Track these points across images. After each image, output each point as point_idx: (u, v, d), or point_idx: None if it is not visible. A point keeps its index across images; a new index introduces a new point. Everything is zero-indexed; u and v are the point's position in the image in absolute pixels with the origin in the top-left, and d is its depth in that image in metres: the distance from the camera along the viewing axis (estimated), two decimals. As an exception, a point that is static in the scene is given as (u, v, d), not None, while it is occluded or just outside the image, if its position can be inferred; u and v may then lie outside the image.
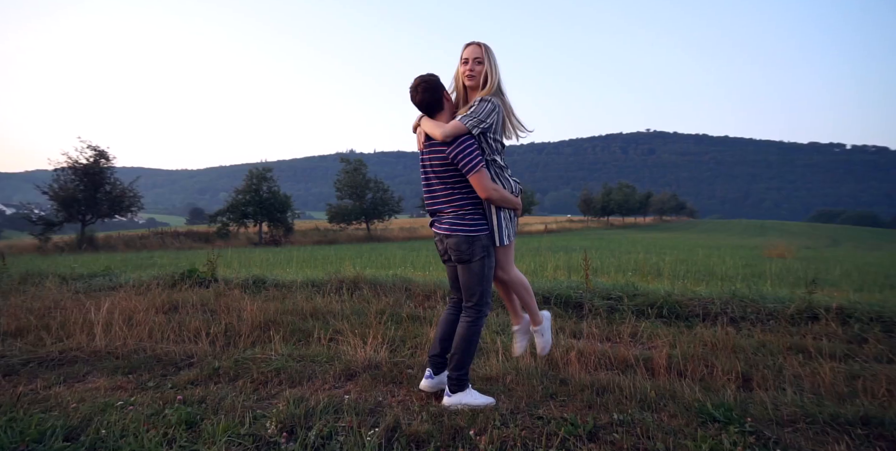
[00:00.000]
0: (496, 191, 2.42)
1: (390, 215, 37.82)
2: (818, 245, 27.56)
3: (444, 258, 2.60)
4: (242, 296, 4.80)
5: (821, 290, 5.36)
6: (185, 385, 2.80)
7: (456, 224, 2.44)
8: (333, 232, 36.27)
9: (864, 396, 2.55)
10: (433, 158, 2.46)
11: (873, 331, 3.69)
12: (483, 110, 2.37)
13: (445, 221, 2.47)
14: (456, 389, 2.46)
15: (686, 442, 1.98)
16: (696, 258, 11.41)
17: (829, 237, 38.39)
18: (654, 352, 3.19)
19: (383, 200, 37.40)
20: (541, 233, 36.33)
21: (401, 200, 38.50)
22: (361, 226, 37.79)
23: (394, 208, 37.57)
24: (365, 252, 15.94)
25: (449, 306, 2.72)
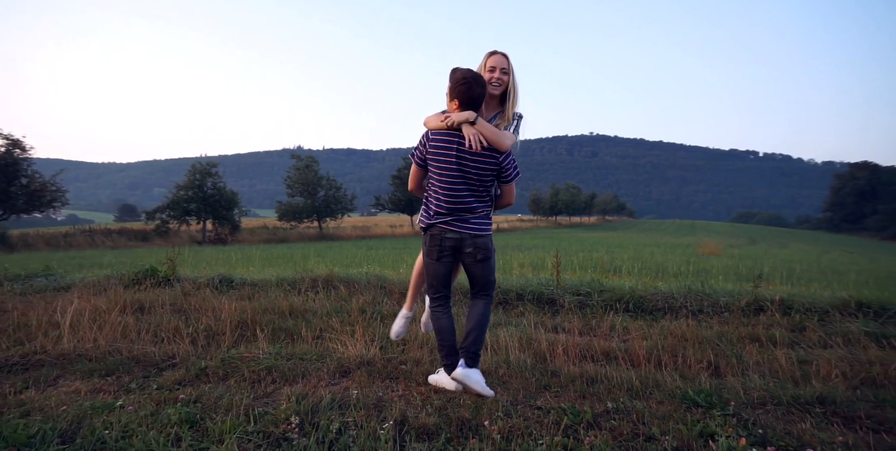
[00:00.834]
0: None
1: (343, 214, 37.24)
2: (739, 243, 29.82)
3: (443, 255, 2.61)
4: (214, 295, 4.64)
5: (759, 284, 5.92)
6: (172, 386, 2.72)
7: (485, 225, 2.63)
8: (284, 230, 35.23)
9: (816, 379, 2.87)
10: (485, 163, 2.50)
11: (811, 320, 4.14)
12: (519, 129, 2.69)
13: (474, 222, 2.57)
14: (473, 364, 2.58)
15: (678, 427, 2.15)
16: (645, 256, 12.12)
17: (747, 236, 41.57)
18: (630, 344, 3.42)
19: (336, 198, 36.76)
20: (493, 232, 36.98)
21: (354, 198, 38.03)
22: (313, 224, 36.95)
23: (347, 207, 37.04)
24: (322, 250, 15.64)
25: (442, 307, 2.71)
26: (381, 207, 38.99)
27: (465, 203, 2.54)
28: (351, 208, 37.67)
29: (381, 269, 7.20)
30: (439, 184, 2.54)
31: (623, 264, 8.34)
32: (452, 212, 2.55)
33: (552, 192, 55.21)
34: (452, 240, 2.57)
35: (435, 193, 2.57)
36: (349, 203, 37.09)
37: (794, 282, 7.49)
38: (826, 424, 2.30)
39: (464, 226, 2.55)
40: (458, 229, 2.55)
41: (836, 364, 3.05)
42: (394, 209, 38.44)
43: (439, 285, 2.71)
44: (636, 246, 20.22)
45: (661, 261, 10.19)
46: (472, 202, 2.55)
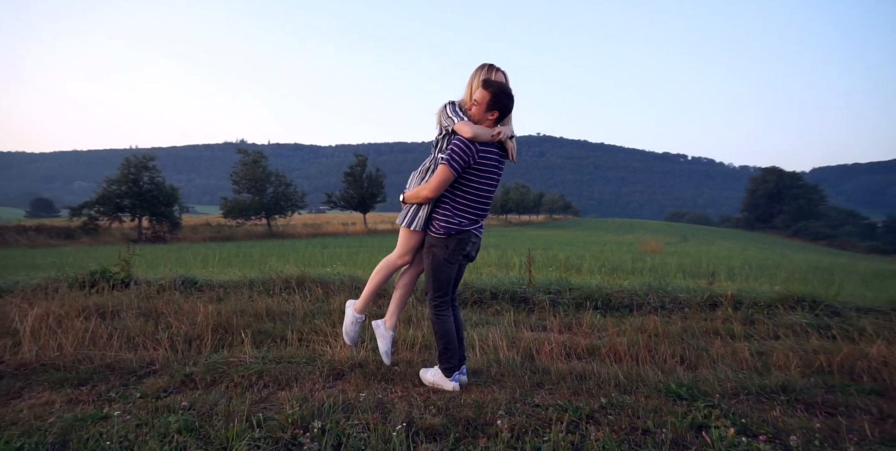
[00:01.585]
0: None
1: (293, 211, 36.12)
2: (673, 241, 31.80)
3: (463, 255, 2.74)
4: (183, 298, 4.42)
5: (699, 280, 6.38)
6: (157, 394, 2.62)
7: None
8: (229, 228, 33.70)
9: (775, 369, 3.17)
10: (499, 169, 2.74)
11: (760, 314, 4.53)
12: None
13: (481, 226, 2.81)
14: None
15: (671, 419, 2.30)
16: (597, 254, 12.68)
17: (680, 234, 44.38)
18: (608, 340, 3.60)
19: (286, 195, 35.60)
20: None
21: (304, 195, 36.96)
22: (261, 222, 35.58)
23: (297, 204, 35.96)
24: (274, 249, 15.15)
25: (448, 310, 2.78)
26: (332, 204, 38.15)
27: (489, 207, 2.80)
28: (302, 206, 36.64)
29: (348, 268, 7.11)
30: (480, 192, 2.65)
31: (584, 262, 8.70)
32: (483, 216, 2.76)
33: (502, 191, 56.41)
34: (475, 241, 2.74)
35: (474, 201, 2.65)
36: (300, 200, 36.04)
37: (734, 278, 8.12)
38: (792, 410, 2.54)
39: (481, 230, 2.79)
40: (479, 233, 2.77)
41: (788, 355, 3.38)
42: (346, 207, 37.73)
43: (448, 288, 2.77)
44: (584, 244, 21.05)
45: (614, 259, 10.71)
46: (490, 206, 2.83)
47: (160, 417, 2.24)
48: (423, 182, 2.70)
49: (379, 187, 37.82)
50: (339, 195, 37.65)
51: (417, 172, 2.79)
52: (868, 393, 2.82)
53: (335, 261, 8.25)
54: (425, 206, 2.69)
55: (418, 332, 3.69)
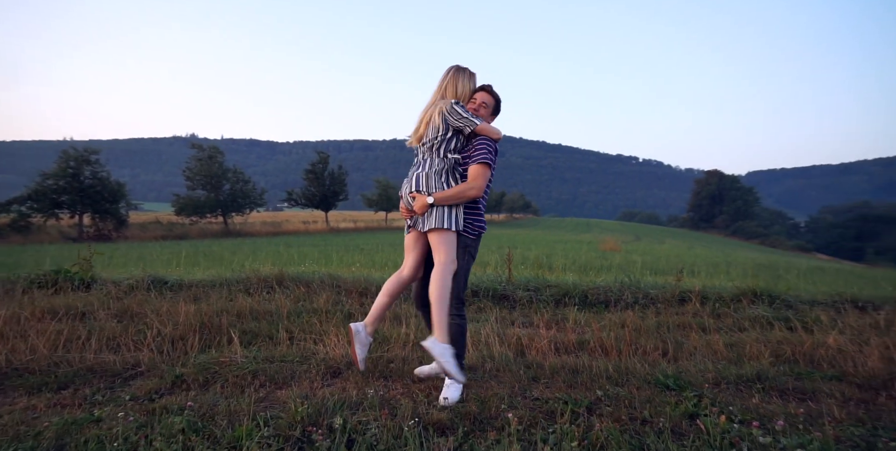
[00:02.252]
0: None
1: (252, 209, 34.88)
2: (628, 240, 33.11)
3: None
4: (158, 299, 4.23)
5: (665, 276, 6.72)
6: (148, 396, 2.54)
7: None
8: (182, 226, 32.16)
9: (747, 359, 3.39)
10: None
11: (726, 308, 4.83)
12: None
13: None
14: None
15: (665, 409, 2.43)
16: (562, 252, 13.04)
17: (633, 233, 46.19)
18: (593, 335, 3.74)
19: (244, 192, 34.32)
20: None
21: (264, 192, 35.77)
22: (217, 219, 34.18)
23: (256, 201, 34.74)
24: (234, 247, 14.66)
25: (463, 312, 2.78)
26: (293, 202, 37.16)
27: None
28: (261, 203, 35.45)
29: (320, 267, 7.00)
30: (487, 190, 2.72)
31: (554, 260, 8.94)
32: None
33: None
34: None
35: (483, 200, 2.74)
36: (258, 198, 34.86)
37: (695, 275, 8.58)
38: (769, 397, 2.73)
39: None
40: None
41: (757, 345, 3.63)
42: (307, 205, 36.86)
43: (466, 286, 2.81)
44: (548, 243, 21.54)
45: (581, 257, 11.05)
46: None
47: (158, 418, 2.17)
48: (446, 183, 2.62)
49: (341, 185, 37.18)
50: (300, 193, 36.75)
51: (432, 174, 2.63)
52: (830, 379, 3.06)
53: (307, 260, 8.10)
54: (459, 206, 2.64)
55: (409, 329, 3.70)
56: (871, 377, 3.04)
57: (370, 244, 16.06)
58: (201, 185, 34.08)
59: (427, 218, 2.60)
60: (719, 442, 2.11)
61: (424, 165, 2.68)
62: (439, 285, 2.56)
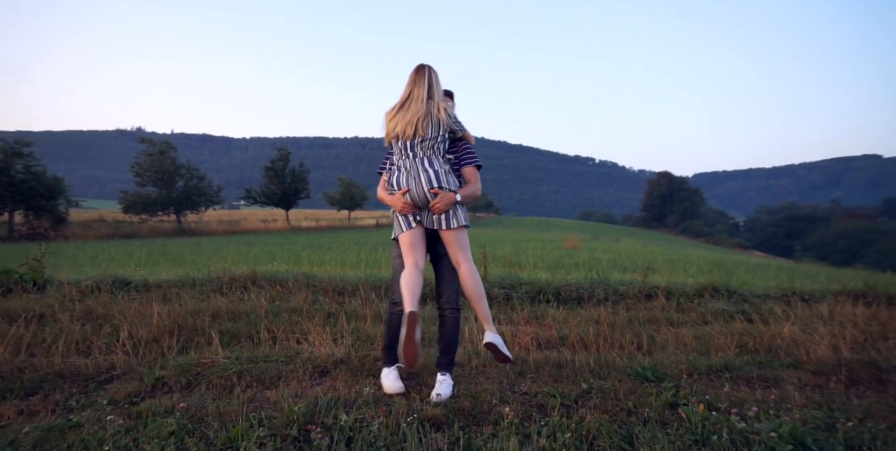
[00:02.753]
0: (379, 195, 2.77)
1: (207, 206, 33.46)
2: (587, 239, 34.18)
3: None
4: (126, 300, 4.03)
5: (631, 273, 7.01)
6: (128, 400, 2.46)
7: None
8: (130, 224, 30.49)
9: (714, 350, 3.60)
10: None
11: (689, 302, 5.09)
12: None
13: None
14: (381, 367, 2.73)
15: (647, 400, 2.55)
16: (527, 250, 13.29)
17: (591, 232, 47.66)
18: (571, 330, 3.86)
19: (199, 189, 32.86)
20: (373, 227, 36.76)
21: (221, 190, 34.39)
22: (169, 218, 32.61)
23: (212, 199, 33.34)
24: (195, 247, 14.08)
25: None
26: (252, 200, 35.96)
27: None
28: (217, 201, 34.06)
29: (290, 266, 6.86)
30: None
31: (522, 258, 9.12)
32: None
33: (429, 189, 56.64)
34: None
35: None
36: (215, 195, 33.48)
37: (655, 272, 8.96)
38: (737, 386, 2.90)
39: None
40: None
41: (720, 337, 3.86)
42: (267, 203, 35.77)
43: None
44: (512, 241, 21.89)
45: (549, 255, 11.32)
46: None
47: (145, 421, 2.10)
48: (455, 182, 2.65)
49: (303, 183, 36.33)
50: (260, 191, 35.62)
51: (447, 171, 2.63)
52: (787, 367, 3.30)
53: (276, 259, 7.90)
54: (464, 205, 2.72)
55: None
56: (822, 363, 3.30)
57: (336, 243, 15.81)
58: (152, 181, 32.43)
59: (451, 216, 2.60)
60: (700, 430, 2.24)
61: (433, 163, 2.61)
62: (475, 281, 2.62)
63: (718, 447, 2.10)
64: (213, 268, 5.56)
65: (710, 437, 2.18)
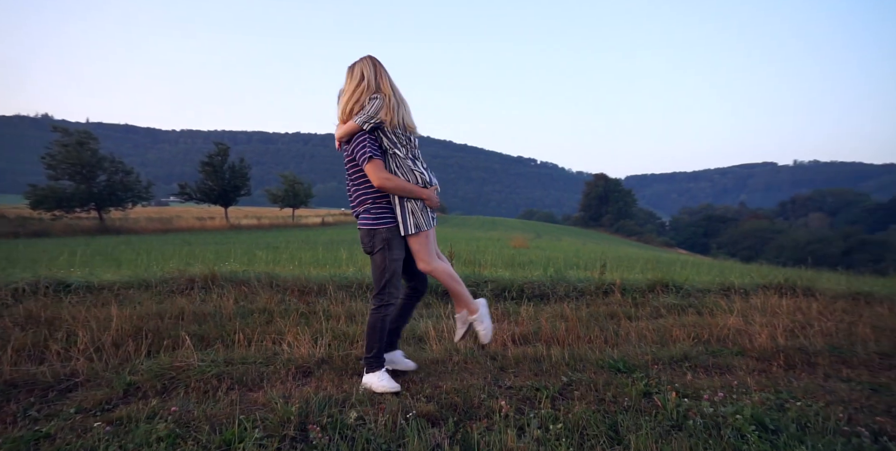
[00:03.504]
0: (388, 180, 2.54)
1: (135, 203, 30.99)
2: (531, 237, 35.30)
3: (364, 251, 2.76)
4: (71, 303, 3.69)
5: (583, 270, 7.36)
6: (99, 407, 2.32)
7: (362, 218, 2.65)
8: (40, 221, 27.65)
9: (671, 341, 3.88)
10: (344, 159, 2.67)
11: (642, 297, 5.42)
12: (372, 107, 2.55)
13: (360, 217, 2.68)
14: (367, 370, 2.63)
15: (624, 390, 2.70)
16: (477, 249, 13.51)
17: (534, 231, 49.25)
18: (540, 326, 4.00)
19: (125, 184, 30.34)
20: (318, 225, 35.76)
21: (150, 185, 31.97)
22: (89, 214, 29.91)
23: (141, 195, 30.90)
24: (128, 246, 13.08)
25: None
26: (186, 196, 33.78)
27: (351, 199, 2.73)
28: (146, 197, 31.63)
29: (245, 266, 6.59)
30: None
31: (480, 257, 9.27)
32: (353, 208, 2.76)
33: (376, 188, 55.93)
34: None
35: None
36: (144, 191, 31.06)
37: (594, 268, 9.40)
38: (697, 374, 3.15)
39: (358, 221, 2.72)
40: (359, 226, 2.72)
41: (674, 329, 4.15)
42: (203, 200, 33.75)
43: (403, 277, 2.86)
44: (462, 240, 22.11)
45: (502, 254, 11.58)
46: (353, 197, 2.70)
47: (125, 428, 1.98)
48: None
49: (243, 180, 34.61)
50: (196, 187, 33.53)
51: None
52: (736, 355, 3.61)
53: (224, 258, 7.52)
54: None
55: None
56: (763, 350, 3.64)
57: (283, 242, 15.27)
58: (68, 174, 29.56)
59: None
60: (675, 415, 2.42)
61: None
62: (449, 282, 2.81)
63: (693, 431, 2.28)
64: (164, 268, 5.22)
65: (684, 422, 2.37)
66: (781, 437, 2.23)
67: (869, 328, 4.29)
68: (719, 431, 2.28)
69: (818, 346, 3.75)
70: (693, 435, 2.24)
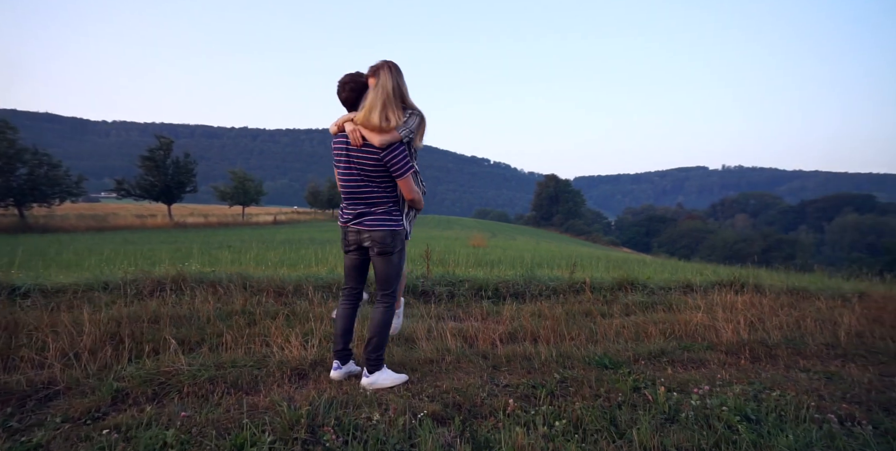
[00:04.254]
0: (416, 193, 2.75)
1: (64, 199, 28.46)
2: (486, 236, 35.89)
3: (351, 249, 2.77)
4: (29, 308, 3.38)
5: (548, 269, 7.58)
6: (89, 415, 2.20)
7: (383, 220, 2.68)
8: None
9: (646, 337, 4.06)
10: (365, 160, 2.62)
11: (612, 295, 5.65)
12: (414, 124, 2.67)
13: (372, 217, 2.68)
14: (374, 369, 2.68)
15: (617, 385, 2.80)
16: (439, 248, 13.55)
17: (489, 230, 50.06)
18: (527, 324, 4.08)
19: (52, 178, 27.76)
20: (270, 224, 34.51)
21: (81, 179, 29.47)
22: (6, 211, 27.15)
23: (71, 190, 28.38)
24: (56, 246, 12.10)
25: (344, 300, 2.85)
26: (125, 192, 31.50)
27: (362, 200, 2.69)
28: (78, 193, 29.11)
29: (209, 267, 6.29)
30: (340, 182, 2.73)
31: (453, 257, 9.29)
32: (353, 207, 2.71)
33: (329, 185, 54.75)
34: (353, 233, 2.72)
35: (341, 191, 2.75)
36: (75, 186, 28.57)
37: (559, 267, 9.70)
38: (676, 368, 3.31)
39: (362, 222, 2.69)
40: (359, 226, 2.70)
41: (647, 326, 4.34)
42: (144, 196, 31.61)
43: (348, 277, 2.85)
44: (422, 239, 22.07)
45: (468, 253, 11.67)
46: (370, 199, 2.68)
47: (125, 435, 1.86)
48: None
49: (189, 175, 32.71)
50: (135, 182, 31.35)
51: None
52: (706, 349, 3.82)
53: (185, 259, 7.14)
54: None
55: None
56: (730, 344, 3.89)
57: (237, 241, 14.65)
58: (-21, 166, 26.64)
59: None
60: (668, 409, 2.53)
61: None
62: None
63: (686, 423, 2.40)
64: (121, 270, 4.90)
65: (677, 415, 2.48)
66: (764, 426, 2.38)
67: (812, 322, 4.68)
68: (708, 422, 2.41)
69: (776, 339, 4.06)
70: (687, 428, 2.35)
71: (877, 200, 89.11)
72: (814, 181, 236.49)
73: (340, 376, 2.75)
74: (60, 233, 22.89)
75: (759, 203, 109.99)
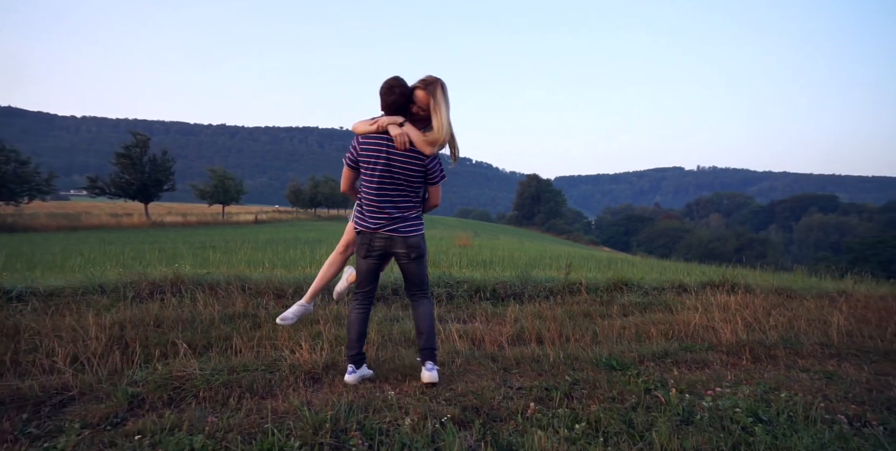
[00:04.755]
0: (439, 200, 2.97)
1: (34, 197, 27.38)
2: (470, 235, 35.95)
3: (373, 254, 2.76)
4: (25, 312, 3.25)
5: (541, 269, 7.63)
6: (108, 421, 2.14)
7: (416, 225, 2.78)
8: None
9: (647, 338, 4.11)
10: (412, 163, 2.66)
11: (609, 296, 5.70)
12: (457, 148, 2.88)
13: (407, 224, 2.72)
14: (433, 363, 2.77)
15: (629, 387, 2.82)
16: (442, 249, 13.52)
17: (472, 230, 50.16)
18: (531, 326, 4.09)
19: (20, 175, 26.66)
20: (252, 223, 33.88)
21: (52, 177, 28.39)
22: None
23: (41, 188, 27.33)
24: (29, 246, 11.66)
25: (357, 304, 2.85)
26: (100, 191, 30.47)
27: (399, 204, 2.70)
28: (48, 191, 28.03)
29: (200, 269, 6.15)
30: (370, 185, 2.68)
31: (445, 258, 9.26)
32: (387, 212, 2.70)
33: (311, 184, 54.07)
34: (382, 240, 2.72)
35: (367, 195, 2.70)
36: (45, 184, 27.48)
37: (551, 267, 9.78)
38: (680, 369, 3.36)
39: (398, 228, 2.70)
40: (389, 231, 2.70)
41: (647, 326, 4.40)
42: (119, 195, 30.63)
43: (364, 282, 2.85)
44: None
45: (458, 253, 11.66)
46: (407, 204, 2.72)
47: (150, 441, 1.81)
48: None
49: (167, 173, 31.82)
50: (110, 180, 30.37)
51: None
52: (707, 350, 3.87)
53: (176, 260, 6.96)
54: (357, 205, 2.82)
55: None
56: (730, 345, 3.96)
57: (219, 241, 14.35)
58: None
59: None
60: (681, 410, 2.56)
61: None
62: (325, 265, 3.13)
63: (702, 425, 2.42)
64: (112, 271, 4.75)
65: (691, 417, 2.50)
66: (777, 428, 2.41)
67: (804, 322, 4.81)
68: (723, 424, 2.42)
69: (773, 339, 4.15)
70: (703, 430, 2.36)
71: (839, 201, 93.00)
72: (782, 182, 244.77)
73: (355, 379, 2.74)
74: (31, 232, 22.10)
75: (731, 203, 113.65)
